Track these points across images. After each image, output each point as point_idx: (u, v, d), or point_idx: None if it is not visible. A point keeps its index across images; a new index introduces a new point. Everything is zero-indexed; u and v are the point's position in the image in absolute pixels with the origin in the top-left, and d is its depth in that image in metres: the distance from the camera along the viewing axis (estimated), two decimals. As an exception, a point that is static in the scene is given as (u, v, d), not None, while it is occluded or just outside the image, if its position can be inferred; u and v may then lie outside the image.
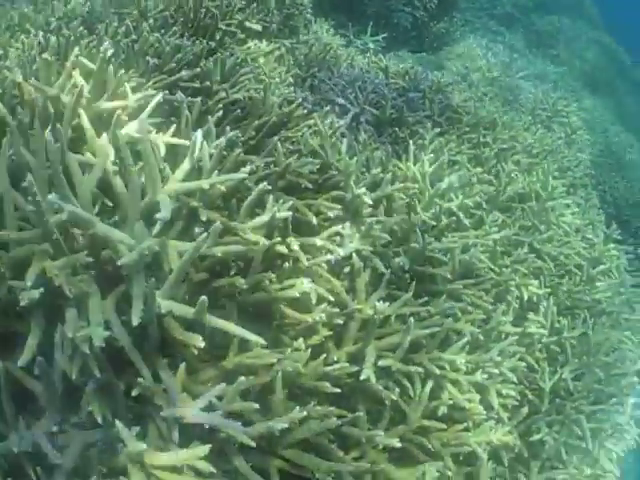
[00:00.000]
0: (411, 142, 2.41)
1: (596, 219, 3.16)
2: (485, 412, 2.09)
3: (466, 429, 2.01)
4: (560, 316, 2.58)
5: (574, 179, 3.19)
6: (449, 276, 2.00)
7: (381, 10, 5.88)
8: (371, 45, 5.49)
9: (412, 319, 1.77)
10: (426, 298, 1.94)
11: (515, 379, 2.15)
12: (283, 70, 3.13)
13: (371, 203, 2.07)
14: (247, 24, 3.25)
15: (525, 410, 2.38)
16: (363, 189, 2.06)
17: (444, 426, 1.91)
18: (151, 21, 2.76)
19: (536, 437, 2.40)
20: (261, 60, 3.09)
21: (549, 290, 2.44)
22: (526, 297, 2.30)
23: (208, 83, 2.28)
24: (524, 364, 2.25)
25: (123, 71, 1.79)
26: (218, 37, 2.80)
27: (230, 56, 2.49)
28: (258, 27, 3.29)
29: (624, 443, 2.85)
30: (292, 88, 2.90)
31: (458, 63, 4.79)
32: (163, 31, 2.64)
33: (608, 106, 6.94)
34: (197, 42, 2.54)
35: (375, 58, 3.66)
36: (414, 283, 1.96)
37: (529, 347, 2.35)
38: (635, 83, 8.48)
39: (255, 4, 3.55)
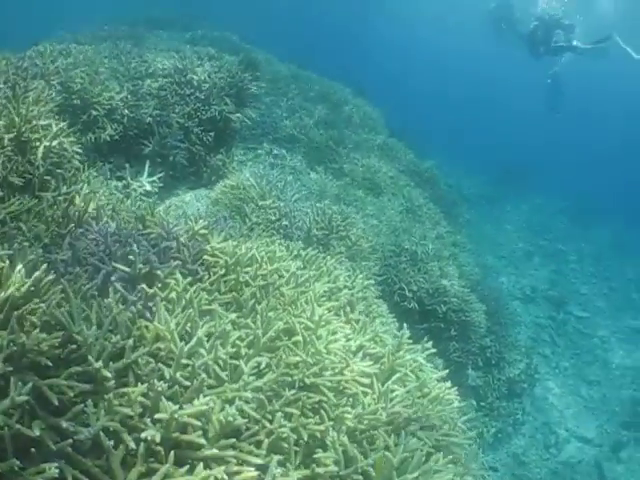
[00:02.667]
0: (158, 299, 2.43)
1: (380, 330, 3.32)
2: None
3: None
4: (355, 443, 2.61)
5: (351, 296, 3.36)
6: (204, 441, 1.96)
7: (158, 149, 6.05)
8: (148, 187, 5.60)
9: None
10: (187, 466, 1.92)
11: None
12: (43, 229, 3.09)
13: (110, 376, 2.10)
14: (10, 179, 3.21)
15: None
16: (100, 363, 2.10)
17: None
18: None
19: None
20: (23, 217, 3.04)
21: (332, 423, 2.46)
22: (306, 437, 2.31)
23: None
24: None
25: None
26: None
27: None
28: (19, 182, 3.27)
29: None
30: (43, 250, 2.87)
31: (231, 196, 5.02)
32: None
33: (395, 205, 7.63)
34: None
35: (134, 207, 3.70)
36: (172, 453, 1.93)
37: (324, 487, 2.32)
38: (420, 175, 9.49)
39: (19, 157, 3.53)
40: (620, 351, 13.24)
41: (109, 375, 2.09)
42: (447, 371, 3.98)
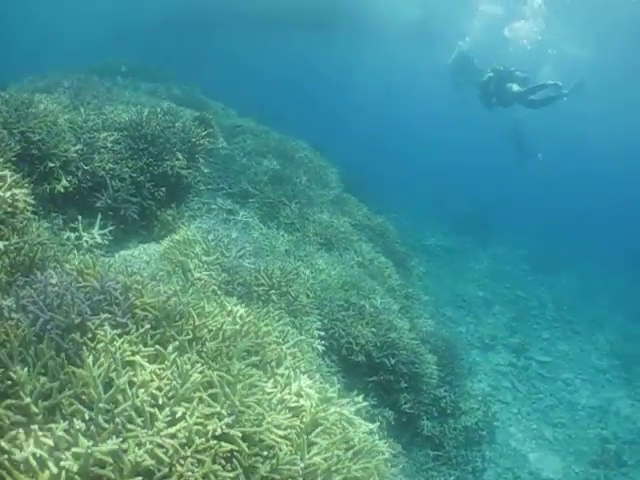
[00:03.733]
0: (85, 348, 2.72)
1: (305, 384, 3.53)
2: None
3: None
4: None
5: (280, 351, 3.60)
6: (113, 476, 2.22)
7: (110, 202, 6.26)
8: (99, 239, 5.81)
9: None
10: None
11: None
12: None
13: (37, 411, 2.47)
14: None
15: None
16: (29, 399, 2.49)
17: None
18: None
19: None
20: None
21: (242, 471, 2.66)
22: (216, 485, 2.51)
23: None
24: None
25: None
26: None
27: None
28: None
29: None
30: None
31: (177, 251, 5.26)
32: None
33: (346, 260, 7.90)
34: None
35: (76, 261, 3.93)
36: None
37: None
38: (374, 229, 9.80)
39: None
40: (586, 392, 13.54)
41: (37, 410, 2.47)
42: (377, 424, 4.19)
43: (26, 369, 2.60)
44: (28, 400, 2.47)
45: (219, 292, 4.50)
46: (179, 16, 31.29)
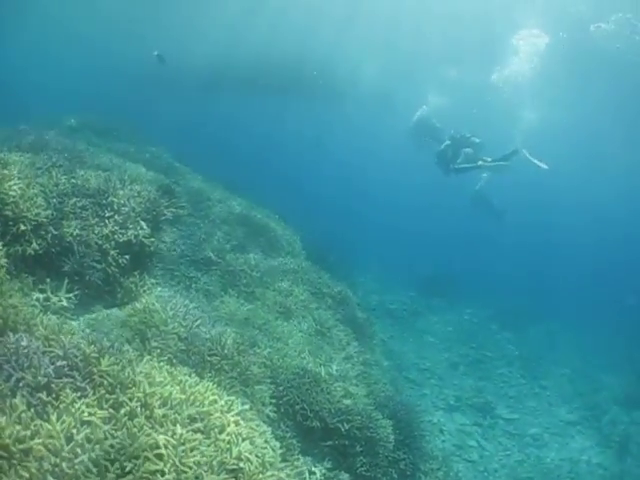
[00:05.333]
0: (50, 406, 3.23)
1: (245, 449, 3.94)
2: None
3: None
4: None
5: (223, 419, 4.03)
6: None
7: (77, 267, 6.68)
8: (65, 302, 6.21)
9: None
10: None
11: None
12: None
13: (15, 450, 3.11)
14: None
15: None
16: (9, 440, 3.13)
17: None
18: None
19: None
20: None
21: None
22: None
23: None
24: None
25: None
26: None
27: None
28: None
29: None
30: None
31: (137, 319, 5.69)
32: None
33: (304, 328, 8.30)
34: None
35: (43, 326, 4.38)
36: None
37: None
38: (333, 297, 10.13)
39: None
40: (555, 445, 13.69)
41: (15, 450, 3.10)
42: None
43: (5, 417, 3.22)
44: (8, 441, 3.09)
45: (174, 361, 4.95)
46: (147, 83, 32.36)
